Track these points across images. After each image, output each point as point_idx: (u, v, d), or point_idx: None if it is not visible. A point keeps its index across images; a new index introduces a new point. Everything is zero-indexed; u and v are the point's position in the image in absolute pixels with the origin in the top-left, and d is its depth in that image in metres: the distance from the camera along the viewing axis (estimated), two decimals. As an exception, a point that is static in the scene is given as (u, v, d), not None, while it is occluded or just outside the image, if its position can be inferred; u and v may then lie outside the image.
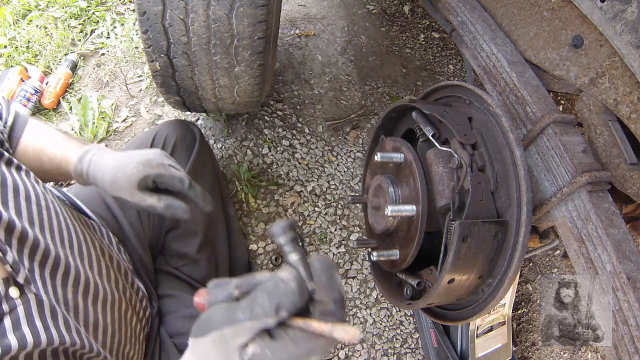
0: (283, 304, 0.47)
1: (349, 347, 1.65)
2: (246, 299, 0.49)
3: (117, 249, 1.04)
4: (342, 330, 0.48)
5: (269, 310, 0.47)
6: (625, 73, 1.01)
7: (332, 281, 0.51)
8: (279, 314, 0.47)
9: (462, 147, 0.93)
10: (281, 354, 0.46)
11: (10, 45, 1.98)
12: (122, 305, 0.91)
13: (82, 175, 0.90)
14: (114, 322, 0.86)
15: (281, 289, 0.48)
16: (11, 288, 0.66)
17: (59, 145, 0.93)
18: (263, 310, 0.47)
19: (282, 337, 0.47)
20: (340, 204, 1.86)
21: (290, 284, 0.48)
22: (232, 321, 0.48)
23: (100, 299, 0.84)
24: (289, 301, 0.47)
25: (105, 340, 0.82)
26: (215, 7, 1.03)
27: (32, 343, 0.63)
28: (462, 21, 1.32)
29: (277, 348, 0.47)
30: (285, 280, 0.48)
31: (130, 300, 0.96)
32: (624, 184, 1.03)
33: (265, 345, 0.47)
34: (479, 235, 0.86)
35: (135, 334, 0.96)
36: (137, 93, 1.94)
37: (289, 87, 2.08)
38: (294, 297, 0.47)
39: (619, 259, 0.87)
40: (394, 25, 2.49)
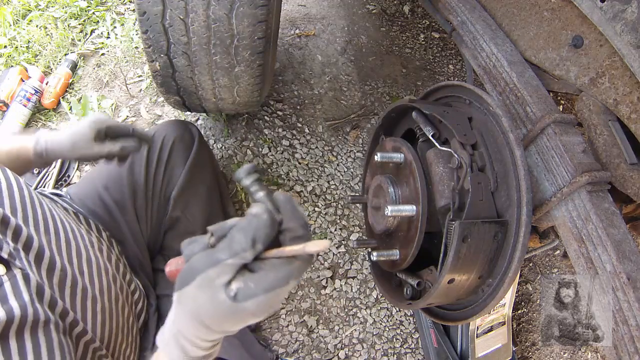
0: (258, 236, 0.51)
1: (349, 348, 1.65)
2: (223, 241, 0.52)
3: (109, 242, 1.04)
4: (313, 244, 0.52)
5: (246, 245, 0.50)
6: (625, 73, 1.01)
7: (296, 210, 0.56)
8: (255, 247, 0.51)
9: (462, 147, 0.93)
10: (263, 283, 0.50)
11: (10, 45, 1.98)
12: (112, 293, 0.91)
13: (42, 154, 0.98)
14: (104, 311, 0.86)
15: (254, 223, 0.51)
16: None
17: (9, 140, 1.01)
18: (241, 246, 0.50)
19: (260, 268, 0.51)
20: (340, 204, 1.86)
21: (262, 216, 0.52)
22: (214, 262, 0.51)
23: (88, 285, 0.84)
24: (262, 233, 0.51)
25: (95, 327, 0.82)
26: (215, 7, 1.03)
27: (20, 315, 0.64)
28: (462, 21, 1.32)
29: (258, 279, 0.50)
30: (256, 214, 0.52)
31: (122, 290, 0.96)
32: (624, 184, 1.03)
33: (247, 278, 0.51)
34: (479, 235, 0.86)
35: (128, 326, 0.96)
36: (137, 93, 1.94)
37: (289, 87, 2.08)
38: (267, 228, 0.51)
39: (619, 259, 0.87)
40: (394, 25, 2.49)
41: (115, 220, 1.12)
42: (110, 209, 1.12)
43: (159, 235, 1.21)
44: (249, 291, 0.50)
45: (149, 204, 1.18)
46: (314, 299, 1.69)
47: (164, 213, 1.20)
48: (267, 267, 0.51)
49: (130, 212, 1.14)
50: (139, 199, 1.16)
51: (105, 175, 1.18)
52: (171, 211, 1.20)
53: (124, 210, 1.13)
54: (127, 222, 1.13)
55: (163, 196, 1.20)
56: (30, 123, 1.83)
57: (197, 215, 1.24)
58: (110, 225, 1.11)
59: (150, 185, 1.18)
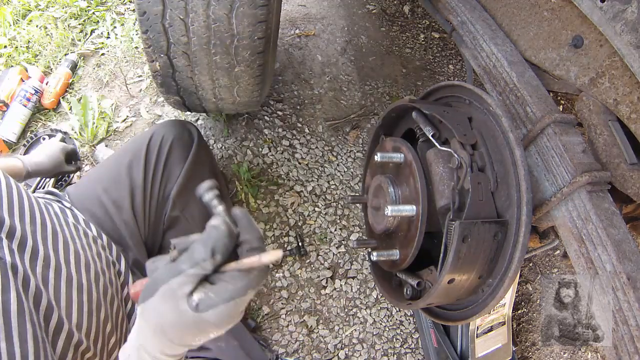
0: (217, 246, 0.54)
1: (349, 348, 1.65)
2: (185, 253, 0.55)
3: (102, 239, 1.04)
4: (267, 255, 0.55)
5: (205, 254, 0.53)
6: (625, 73, 1.01)
7: (251, 223, 0.60)
8: (214, 257, 0.53)
9: (462, 147, 0.93)
10: (223, 294, 0.53)
11: (10, 45, 1.98)
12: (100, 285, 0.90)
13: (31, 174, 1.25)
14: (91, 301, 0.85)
15: (213, 235, 0.54)
16: None
17: None
18: (201, 256, 0.53)
19: (220, 279, 0.54)
20: (340, 204, 1.86)
21: (220, 227, 0.55)
22: (176, 272, 0.53)
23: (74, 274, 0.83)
24: (221, 243, 0.54)
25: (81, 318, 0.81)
26: (215, 7, 1.03)
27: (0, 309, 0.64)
28: (462, 21, 1.32)
29: (218, 289, 0.53)
30: (215, 226, 0.55)
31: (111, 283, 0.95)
32: (624, 184, 1.03)
33: (208, 289, 0.53)
34: (479, 235, 0.86)
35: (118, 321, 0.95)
36: (137, 93, 1.94)
37: (289, 87, 2.08)
38: (225, 238, 0.54)
39: (619, 259, 0.87)
40: (394, 25, 2.49)
41: (113, 220, 1.12)
42: (108, 208, 1.12)
43: (158, 235, 1.21)
44: (210, 301, 0.52)
45: (147, 203, 1.18)
46: (314, 299, 1.69)
47: (162, 212, 1.21)
48: (226, 278, 0.54)
49: (127, 211, 1.14)
50: (137, 198, 1.16)
51: (104, 176, 1.17)
52: (170, 211, 1.20)
53: (121, 209, 1.13)
54: (124, 221, 1.13)
55: (162, 196, 1.20)
56: (30, 123, 1.83)
57: (196, 215, 1.24)
58: (108, 225, 1.10)
59: (148, 185, 1.18)
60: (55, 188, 1.68)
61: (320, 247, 1.77)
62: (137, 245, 1.15)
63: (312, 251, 1.75)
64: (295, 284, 1.69)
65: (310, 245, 1.76)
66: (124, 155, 1.21)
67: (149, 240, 1.20)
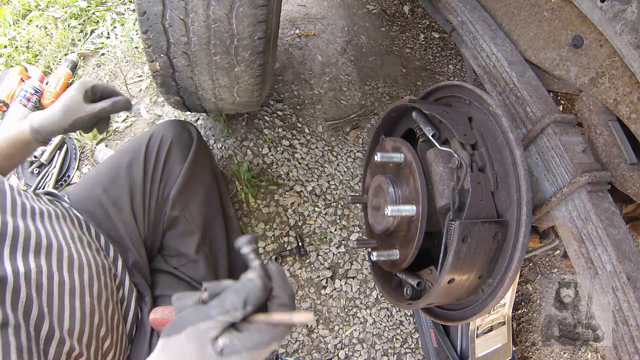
0: (250, 298, 0.56)
1: (349, 348, 1.65)
2: (216, 299, 0.57)
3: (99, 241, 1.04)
4: (299, 316, 0.58)
5: (237, 304, 0.55)
6: (625, 73, 1.01)
7: (286, 280, 0.62)
8: (246, 308, 0.56)
9: (462, 147, 0.93)
10: (248, 342, 0.55)
11: (10, 45, 1.98)
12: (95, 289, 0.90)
13: (39, 130, 1.01)
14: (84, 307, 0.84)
15: (248, 287, 0.57)
16: None
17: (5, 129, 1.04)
18: (232, 305, 0.55)
19: (247, 329, 0.56)
20: (340, 204, 1.86)
21: (256, 281, 0.58)
22: (206, 317, 0.55)
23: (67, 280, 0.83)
24: (254, 296, 0.57)
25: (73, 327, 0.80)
26: (215, 7, 1.03)
27: None
28: (462, 21, 1.32)
29: (244, 338, 0.55)
30: (251, 279, 0.58)
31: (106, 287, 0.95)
32: (624, 184, 1.03)
33: (234, 336, 0.55)
34: (479, 235, 0.86)
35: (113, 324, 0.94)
36: (137, 93, 1.94)
37: (289, 87, 2.08)
38: (259, 292, 0.57)
39: (619, 259, 0.87)
40: (394, 25, 2.49)
41: (112, 220, 1.12)
42: (108, 209, 1.12)
43: (157, 235, 1.21)
44: (234, 347, 0.54)
45: (147, 203, 1.18)
46: (314, 299, 1.69)
47: (162, 212, 1.20)
48: (253, 328, 0.56)
49: (127, 212, 1.14)
50: (137, 198, 1.16)
51: (104, 176, 1.17)
52: (170, 211, 1.20)
53: (121, 210, 1.13)
54: (124, 222, 1.13)
55: (161, 196, 1.20)
56: (30, 123, 1.83)
57: (196, 215, 1.24)
58: (107, 226, 1.10)
59: (148, 185, 1.18)
60: (55, 189, 1.68)
61: (320, 247, 1.77)
62: (137, 246, 1.15)
63: (312, 251, 1.75)
64: (295, 284, 1.69)
65: (310, 245, 1.76)
66: (124, 155, 1.20)
67: (148, 240, 1.19)
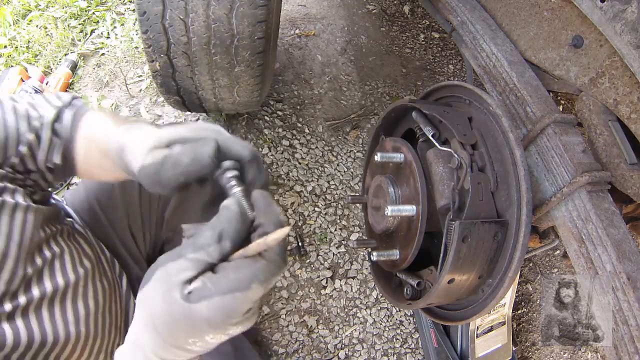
0: (226, 230, 0.46)
1: (349, 348, 1.65)
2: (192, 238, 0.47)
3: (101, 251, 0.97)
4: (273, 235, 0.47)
5: (211, 239, 0.45)
6: (625, 73, 1.01)
7: (270, 206, 0.51)
8: (222, 243, 0.46)
9: (462, 147, 0.93)
10: (222, 284, 0.44)
11: (10, 45, 1.98)
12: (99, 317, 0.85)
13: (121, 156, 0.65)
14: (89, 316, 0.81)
15: (223, 217, 0.47)
16: None
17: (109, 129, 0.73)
18: (206, 240, 0.46)
19: (224, 268, 0.46)
20: (340, 204, 1.86)
21: (230, 207, 0.47)
22: (176, 256, 0.46)
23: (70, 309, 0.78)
24: (231, 227, 0.46)
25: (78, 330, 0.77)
26: (215, 7, 1.03)
27: None
28: (462, 21, 1.32)
29: (217, 279, 0.45)
30: (226, 206, 0.48)
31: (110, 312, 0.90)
32: (624, 184, 1.03)
33: (207, 278, 0.45)
34: (478, 235, 0.86)
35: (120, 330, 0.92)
36: (137, 93, 1.94)
37: (289, 87, 2.08)
38: (235, 222, 0.47)
39: (619, 259, 0.87)
40: (394, 25, 2.49)
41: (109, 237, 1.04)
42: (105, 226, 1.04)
43: (157, 250, 1.15)
44: (204, 292, 0.44)
45: (146, 223, 1.09)
46: (314, 299, 1.69)
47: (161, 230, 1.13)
48: (229, 267, 0.46)
49: (125, 231, 1.06)
50: (134, 218, 1.07)
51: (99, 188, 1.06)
52: (165, 230, 1.13)
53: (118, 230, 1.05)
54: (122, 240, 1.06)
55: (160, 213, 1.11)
56: (30, 123, 1.83)
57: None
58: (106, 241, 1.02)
59: (146, 203, 1.07)
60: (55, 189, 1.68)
61: (320, 247, 1.77)
62: (138, 261, 1.08)
63: (312, 251, 1.75)
64: (295, 284, 1.69)
65: (310, 245, 1.76)
66: None
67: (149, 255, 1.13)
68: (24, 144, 0.72)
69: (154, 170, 0.56)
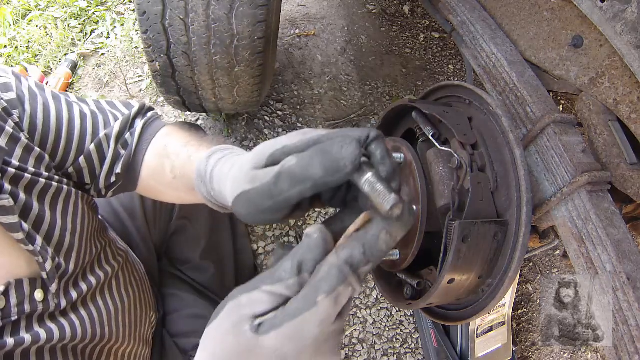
0: (306, 261, 0.41)
1: (349, 348, 1.65)
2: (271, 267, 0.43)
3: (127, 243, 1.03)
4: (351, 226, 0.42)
5: (290, 271, 0.40)
6: (625, 73, 1.01)
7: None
8: (302, 276, 0.40)
9: (462, 147, 0.93)
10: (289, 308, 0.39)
11: (10, 45, 1.98)
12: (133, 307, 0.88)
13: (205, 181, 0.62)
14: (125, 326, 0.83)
15: (304, 245, 0.42)
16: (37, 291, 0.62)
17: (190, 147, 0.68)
18: (285, 273, 0.40)
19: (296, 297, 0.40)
20: (340, 204, 1.86)
21: (312, 236, 0.42)
22: (251, 289, 0.41)
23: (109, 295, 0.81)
24: (310, 257, 0.41)
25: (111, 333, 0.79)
26: (215, 7, 1.03)
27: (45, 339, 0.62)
28: (462, 21, 1.32)
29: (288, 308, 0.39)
30: (308, 234, 0.43)
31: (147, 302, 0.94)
32: (624, 184, 1.03)
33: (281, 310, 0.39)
34: (479, 235, 0.86)
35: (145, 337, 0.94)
36: (137, 93, 1.94)
37: (289, 87, 2.08)
38: (315, 250, 0.41)
39: (619, 259, 0.87)
40: (394, 25, 2.49)
41: (125, 226, 1.08)
42: (120, 214, 1.08)
43: (165, 238, 1.20)
44: (274, 322, 0.38)
45: (158, 209, 1.15)
46: (314, 299, 1.69)
47: (170, 218, 1.19)
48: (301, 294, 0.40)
49: (140, 217, 1.10)
50: (148, 204, 1.12)
51: None
52: (176, 218, 1.18)
53: (133, 216, 1.10)
54: (137, 228, 1.10)
55: None
56: (30, 123, 1.83)
57: (202, 220, 1.22)
58: (121, 232, 1.07)
59: None
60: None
61: (320, 247, 1.77)
62: (149, 250, 1.13)
63: (312, 251, 1.75)
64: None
65: (310, 245, 1.76)
66: None
67: (157, 244, 1.18)
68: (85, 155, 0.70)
69: (262, 193, 0.46)
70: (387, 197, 0.41)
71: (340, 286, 0.39)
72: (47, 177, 0.64)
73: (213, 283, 1.25)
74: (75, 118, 0.69)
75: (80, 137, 0.69)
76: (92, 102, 0.75)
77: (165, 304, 1.14)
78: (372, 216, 0.43)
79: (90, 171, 0.72)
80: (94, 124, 0.71)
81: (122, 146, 0.73)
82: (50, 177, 0.65)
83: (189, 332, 1.10)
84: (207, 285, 1.23)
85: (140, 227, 1.11)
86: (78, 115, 0.69)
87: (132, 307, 0.87)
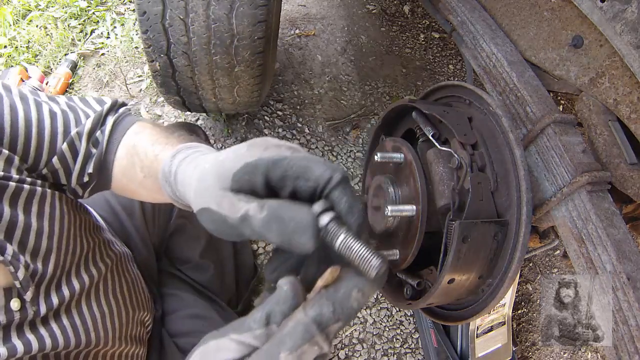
0: (274, 312, 0.40)
1: (349, 348, 1.65)
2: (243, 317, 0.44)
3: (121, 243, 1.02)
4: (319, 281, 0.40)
5: (259, 321, 0.40)
6: (625, 73, 1.01)
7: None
8: (269, 327, 0.40)
9: (462, 147, 0.93)
10: None
11: (10, 45, 1.98)
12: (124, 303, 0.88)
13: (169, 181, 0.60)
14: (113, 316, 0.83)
15: (274, 297, 0.42)
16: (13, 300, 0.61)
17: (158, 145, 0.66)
18: (254, 322, 0.41)
19: None
20: (340, 204, 1.86)
21: (282, 287, 0.42)
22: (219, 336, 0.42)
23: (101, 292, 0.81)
24: (279, 309, 0.41)
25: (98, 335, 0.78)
26: (215, 7, 1.03)
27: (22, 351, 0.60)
28: (462, 21, 1.32)
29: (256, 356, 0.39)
30: (280, 285, 0.42)
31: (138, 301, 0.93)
32: (624, 184, 1.03)
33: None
34: (479, 235, 0.86)
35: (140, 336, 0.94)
36: (137, 93, 1.94)
37: (289, 87, 2.08)
38: (285, 303, 0.41)
39: (619, 259, 0.87)
40: (394, 25, 2.49)
41: (124, 225, 1.08)
42: (119, 213, 1.08)
43: (164, 239, 1.20)
44: None
45: (157, 208, 1.14)
46: (314, 299, 1.69)
47: (170, 218, 1.18)
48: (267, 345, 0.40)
49: (139, 217, 1.10)
50: (147, 203, 1.12)
51: None
52: (175, 218, 1.18)
53: (132, 215, 1.09)
54: (135, 227, 1.09)
55: None
56: (30, 123, 1.83)
57: None
58: (119, 231, 1.07)
59: None
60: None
61: (320, 247, 1.77)
62: (149, 251, 1.12)
63: (312, 251, 1.75)
64: (295, 284, 1.69)
65: (310, 245, 1.76)
66: None
67: (155, 244, 1.17)
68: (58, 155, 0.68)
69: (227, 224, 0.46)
70: (371, 262, 0.40)
71: (305, 345, 0.38)
72: (17, 180, 0.62)
73: (213, 283, 1.25)
74: (44, 118, 0.67)
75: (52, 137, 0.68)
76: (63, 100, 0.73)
77: (165, 303, 1.14)
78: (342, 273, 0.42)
79: (65, 171, 0.71)
80: (65, 122, 0.69)
81: (94, 145, 0.71)
82: (22, 180, 0.63)
83: (188, 332, 1.10)
84: (207, 285, 1.23)
85: (139, 226, 1.10)
86: (48, 115, 0.68)
87: (123, 309, 0.85)
